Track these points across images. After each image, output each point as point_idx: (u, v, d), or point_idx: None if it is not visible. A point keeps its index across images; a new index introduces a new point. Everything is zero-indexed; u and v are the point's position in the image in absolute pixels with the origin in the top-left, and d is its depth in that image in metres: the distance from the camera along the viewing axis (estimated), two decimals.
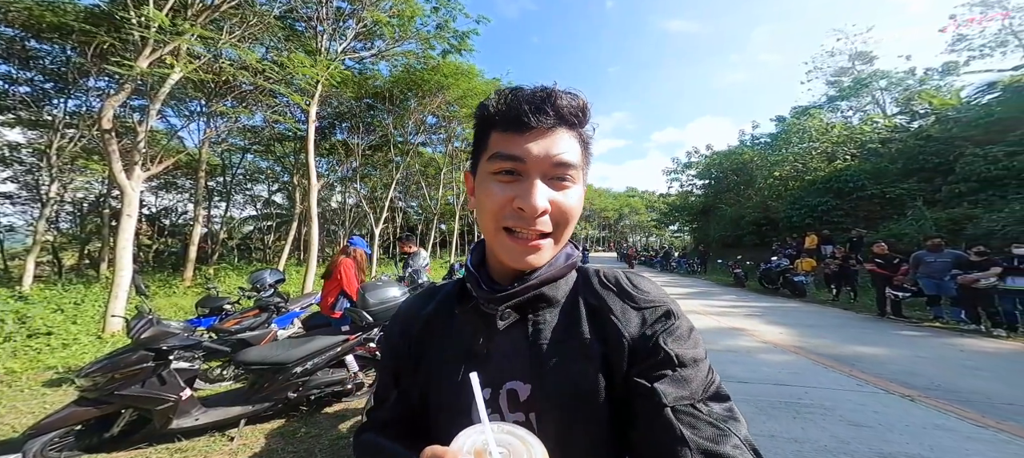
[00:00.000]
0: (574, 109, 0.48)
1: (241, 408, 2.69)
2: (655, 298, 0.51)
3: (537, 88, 0.48)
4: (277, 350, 2.89)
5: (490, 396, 0.48)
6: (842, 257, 9.16)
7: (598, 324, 0.49)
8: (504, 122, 0.47)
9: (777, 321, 6.57)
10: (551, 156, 0.46)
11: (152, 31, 5.29)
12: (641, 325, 0.48)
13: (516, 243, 0.47)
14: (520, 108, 0.46)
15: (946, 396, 3.12)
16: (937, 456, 2.22)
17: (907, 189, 12.10)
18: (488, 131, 0.50)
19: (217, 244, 16.91)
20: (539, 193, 0.45)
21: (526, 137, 0.46)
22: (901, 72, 19.22)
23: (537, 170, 0.46)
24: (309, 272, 7.89)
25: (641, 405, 0.43)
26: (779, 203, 16.47)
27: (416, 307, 0.60)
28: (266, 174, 19.19)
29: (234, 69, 7.04)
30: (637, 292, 0.51)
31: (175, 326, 2.72)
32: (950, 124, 13.00)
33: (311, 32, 8.69)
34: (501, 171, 0.47)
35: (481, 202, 0.49)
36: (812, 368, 4.02)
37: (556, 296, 0.52)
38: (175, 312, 7.36)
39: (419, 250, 5.03)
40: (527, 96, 0.47)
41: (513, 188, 0.46)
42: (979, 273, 5.84)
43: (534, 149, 0.46)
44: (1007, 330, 5.50)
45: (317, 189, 8.36)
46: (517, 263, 0.48)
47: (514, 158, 0.46)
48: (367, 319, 2.98)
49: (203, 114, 11.85)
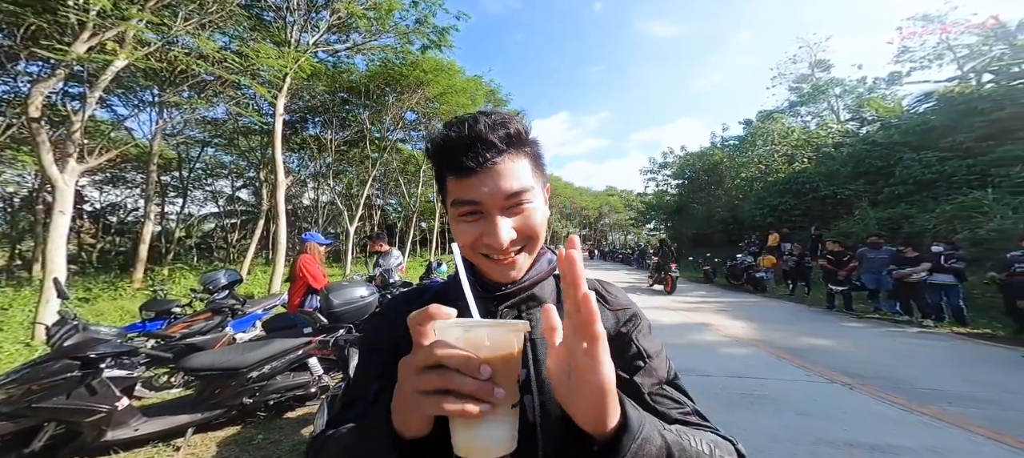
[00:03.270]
0: (507, 137, 0.50)
1: (189, 416, 2.55)
2: (624, 302, 0.60)
3: (468, 127, 0.49)
4: (229, 355, 2.75)
5: None
6: (798, 254, 9.78)
7: None
8: (451, 168, 0.51)
9: (740, 316, 6.92)
10: (502, 190, 0.49)
11: (91, 15, 4.85)
12: (615, 325, 0.57)
13: (495, 264, 0.52)
14: (458, 158, 0.49)
15: (881, 383, 3.40)
16: (870, 440, 2.42)
17: (854, 190, 13.05)
18: (443, 176, 0.53)
19: (173, 243, 15.83)
20: (502, 229, 0.49)
21: (474, 181, 0.49)
22: (854, 80, 20.67)
23: (494, 207, 0.49)
24: (276, 272, 7.55)
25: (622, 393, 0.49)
26: (745, 203, 17.34)
27: (404, 306, 0.59)
28: (230, 169, 18.12)
29: (189, 58, 6.57)
30: (610, 297, 0.61)
31: (106, 332, 2.53)
32: (892, 131, 14.11)
33: (280, 22, 8.26)
34: (465, 213, 0.51)
35: (457, 237, 0.54)
36: (769, 360, 4.26)
37: (544, 296, 0.58)
38: (121, 316, 6.83)
39: (391, 250, 4.94)
40: (459, 142, 0.49)
41: (478, 226, 0.50)
42: (911, 268, 6.40)
43: (485, 189, 0.49)
44: (934, 320, 6.07)
45: (286, 186, 8.00)
46: (501, 278, 0.53)
47: (471, 202, 0.50)
48: (322, 321, 2.88)
49: (155, 104, 11.02)
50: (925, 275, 6.23)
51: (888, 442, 2.36)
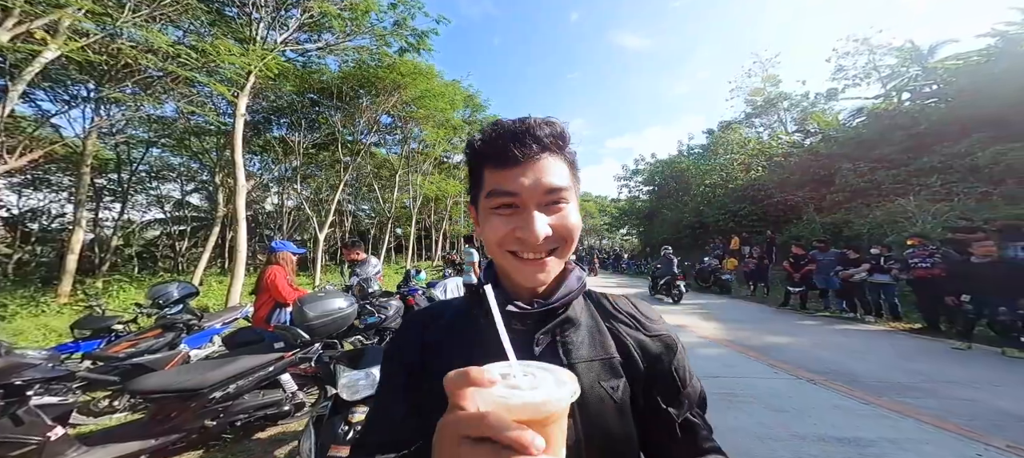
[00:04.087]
0: (553, 136, 0.52)
1: (140, 443, 2.27)
2: (661, 329, 0.59)
3: (517, 122, 0.52)
4: (186, 375, 2.49)
5: None
6: (758, 257, 10.47)
7: (621, 346, 0.56)
8: (494, 158, 0.51)
9: (710, 316, 7.28)
10: (542, 184, 0.49)
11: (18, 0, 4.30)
12: (654, 354, 0.56)
13: (524, 264, 0.51)
14: (505, 145, 0.50)
15: (840, 377, 3.69)
16: (836, 433, 2.60)
17: (802, 197, 14.21)
18: (481, 167, 0.53)
19: (108, 252, 14.27)
20: (538, 223, 0.49)
21: (516, 171, 0.49)
22: (799, 95, 22.62)
23: (532, 200, 0.49)
24: (235, 282, 6.98)
25: (655, 421, 0.54)
26: (709, 208, 18.36)
27: (425, 322, 0.61)
28: (178, 171, 16.66)
29: (137, 52, 5.98)
30: (649, 322, 0.60)
31: (33, 355, 2.23)
32: (832, 142, 15.55)
33: (244, 18, 7.73)
34: (500, 206, 0.51)
35: (486, 233, 0.53)
36: (739, 359, 4.50)
37: (578, 318, 0.57)
38: (45, 335, 6.02)
39: (368, 258, 4.74)
40: (509, 132, 0.50)
41: (513, 220, 0.50)
42: (854, 269, 7.04)
43: (526, 181, 0.49)
44: (874, 317, 6.70)
45: (246, 190, 7.45)
46: (528, 282, 0.52)
47: (509, 193, 0.50)
48: (302, 337, 2.70)
49: (90, 100, 9.92)
50: (865, 275, 6.88)
51: (854, 435, 2.55)
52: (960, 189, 9.52)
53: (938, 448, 2.37)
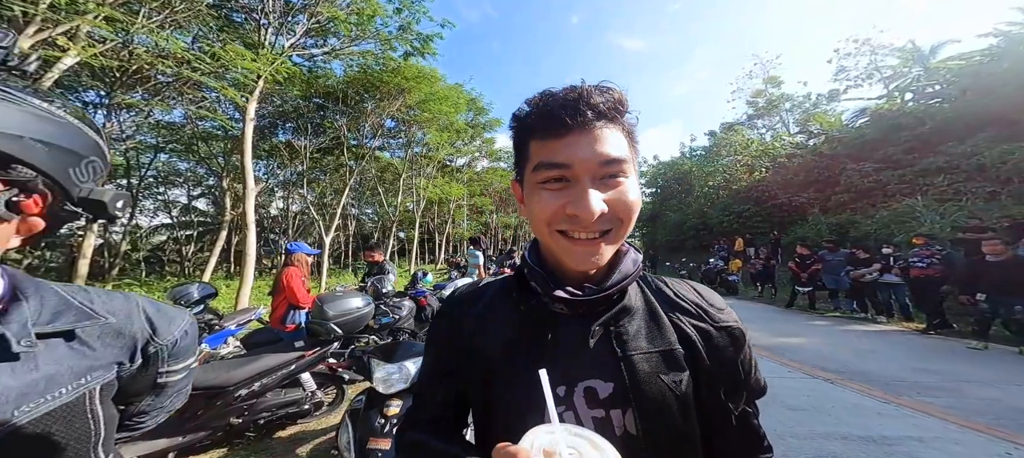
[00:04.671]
0: (611, 103, 0.46)
1: (169, 440, 2.30)
2: (729, 319, 0.55)
3: (568, 88, 0.47)
4: (213, 372, 2.52)
5: (564, 393, 0.48)
6: (765, 258, 10.45)
7: (684, 340, 0.51)
8: (542, 129, 0.46)
9: None
10: (598, 155, 0.44)
11: (41, 8, 4.39)
12: (721, 345, 0.52)
13: (575, 245, 0.46)
14: (556, 111, 0.45)
15: (856, 377, 3.67)
16: (859, 432, 2.59)
17: (807, 198, 14.18)
18: (526, 140, 0.49)
19: (117, 257, 14.37)
20: (593, 198, 0.44)
21: (567, 141, 0.44)
22: (801, 96, 22.64)
23: (586, 173, 0.44)
24: (244, 285, 7.03)
25: (716, 415, 0.51)
26: (713, 210, 18.33)
27: (466, 304, 0.59)
28: (185, 176, 16.79)
29: (151, 57, 6.08)
30: (714, 311, 0.55)
31: None
32: (835, 143, 15.54)
33: (252, 24, 7.84)
34: (549, 180, 0.46)
35: (532, 211, 0.48)
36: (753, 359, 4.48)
37: (634, 305, 0.53)
38: None
39: (386, 263, 4.84)
40: (560, 99, 0.45)
41: (564, 195, 0.45)
42: (865, 269, 7.02)
43: (579, 152, 0.44)
44: (886, 317, 6.67)
45: (255, 194, 7.52)
46: (579, 265, 0.47)
47: (559, 166, 0.45)
48: (336, 332, 2.73)
49: (102, 106, 10.05)
50: (876, 275, 6.85)
51: (877, 433, 2.54)
52: (968, 189, 9.49)
53: (967, 448, 2.35)
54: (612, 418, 0.46)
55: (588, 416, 0.47)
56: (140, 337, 0.55)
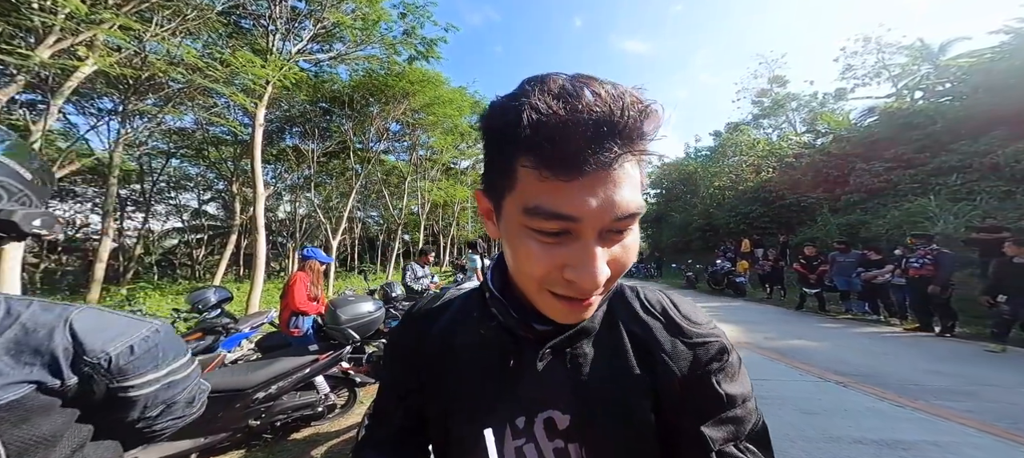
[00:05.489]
0: (651, 131, 0.35)
1: (190, 442, 2.35)
2: (707, 332, 0.47)
3: (593, 102, 0.32)
4: (232, 375, 2.58)
5: (524, 425, 0.45)
6: (773, 259, 10.35)
7: (646, 360, 0.45)
8: (546, 162, 0.33)
9: (728, 319, 7.20)
10: (615, 208, 0.34)
11: (60, 17, 4.52)
12: (693, 364, 0.44)
13: (565, 305, 0.38)
14: (573, 143, 0.32)
15: (870, 380, 3.63)
16: (874, 436, 2.56)
17: (816, 198, 14.03)
18: (512, 158, 0.35)
19: (131, 260, 14.65)
20: (599, 263, 0.35)
21: (580, 185, 0.33)
22: (807, 95, 22.44)
23: (594, 228, 0.34)
24: (255, 289, 7.13)
25: (688, 446, 0.42)
26: (719, 211, 18.20)
27: (427, 320, 0.55)
28: (196, 181, 17.09)
29: (164, 64, 6.23)
30: (688, 325, 0.47)
31: None
32: (844, 143, 15.36)
33: (260, 30, 7.99)
34: (550, 231, 0.35)
35: (516, 258, 0.38)
36: (762, 361, 4.45)
37: (592, 325, 0.47)
38: None
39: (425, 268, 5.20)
40: (582, 120, 0.31)
41: (560, 251, 0.35)
42: (877, 270, 6.92)
43: (592, 202, 0.33)
44: (899, 319, 6.57)
45: (264, 198, 7.63)
46: (565, 320, 0.40)
47: (564, 218, 0.33)
48: (353, 336, 2.78)
49: (116, 113, 10.29)
50: (889, 277, 6.76)
51: (892, 437, 2.51)
52: (981, 188, 9.34)
53: (986, 452, 2.31)
54: (570, 452, 0.43)
55: (549, 448, 0.43)
56: (62, 356, 0.51)
